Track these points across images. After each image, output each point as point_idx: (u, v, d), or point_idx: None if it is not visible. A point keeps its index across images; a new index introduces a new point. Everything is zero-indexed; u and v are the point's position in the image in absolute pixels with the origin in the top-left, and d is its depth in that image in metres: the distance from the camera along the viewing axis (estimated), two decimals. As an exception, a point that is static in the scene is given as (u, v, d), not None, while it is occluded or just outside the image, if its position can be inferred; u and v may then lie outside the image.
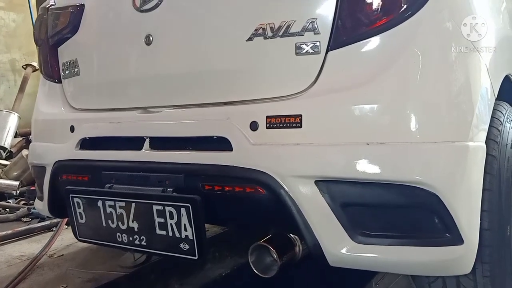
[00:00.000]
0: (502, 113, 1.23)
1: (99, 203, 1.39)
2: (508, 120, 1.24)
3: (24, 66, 4.17)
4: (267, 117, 1.14)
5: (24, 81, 4.13)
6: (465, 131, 1.03)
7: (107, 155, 1.46)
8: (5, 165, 3.66)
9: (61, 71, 1.71)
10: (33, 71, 4.15)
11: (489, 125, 1.16)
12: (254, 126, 1.16)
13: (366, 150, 1.03)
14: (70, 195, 1.47)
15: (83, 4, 1.58)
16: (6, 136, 3.83)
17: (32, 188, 3.45)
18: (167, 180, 1.29)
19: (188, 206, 1.20)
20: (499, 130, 1.18)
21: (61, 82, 1.71)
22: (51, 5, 1.76)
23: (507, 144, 1.19)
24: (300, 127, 1.10)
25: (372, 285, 1.61)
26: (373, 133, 1.03)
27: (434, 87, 1.03)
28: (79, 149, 1.53)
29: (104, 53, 1.55)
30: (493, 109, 1.20)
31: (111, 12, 1.52)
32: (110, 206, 1.37)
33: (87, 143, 1.53)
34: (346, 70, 1.09)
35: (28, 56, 4.53)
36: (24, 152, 3.54)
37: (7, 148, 3.83)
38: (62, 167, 1.58)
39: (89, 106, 1.60)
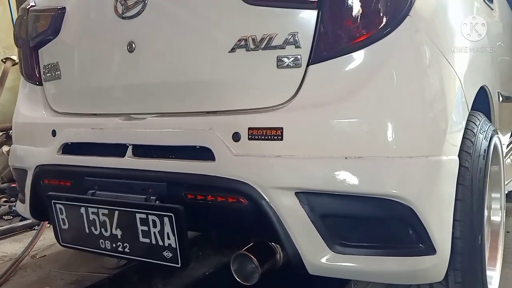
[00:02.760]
0: (476, 124, 1.28)
1: (82, 210, 1.40)
2: (481, 131, 1.29)
3: (4, 60, 4.08)
4: (249, 128, 1.16)
5: (4, 75, 4.04)
6: (438, 146, 1.07)
7: (89, 161, 1.46)
8: (-15, 162, 3.60)
9: (42, 73, 1.69)
10: (12, 65, 4.07)
11: (463, 136, 1.20)
12: (236, 137, 1.18)
13: (344, 164, 1.06)
14: (53, 201, 1.47)
15: (65, 7, 1.57)
16: (-15, 131, 3.76)
17: (13, 185, 3.41)
18: (150, 188, 1.31)
19: (171, 216, 1.21)
20: (472, 142, 1.23)
21: (42, 85, 1.70)
22: (32, 6, 1.73)
23: (479, 156, 1.23)
24: (281, 139, 1.12)
25: (351, 286, 1.66)
26: (351, 147, 1.06)
27: (409, 103, 1.06)
28: (61, 153, 1.53)
29: (86, 57, 1.54)
30: (467, 120, 1.24)
31: (93, 17, 1.51)
32: (93, 213, 1.38)
33: (69, 148, 1.52)
34: (326, 85, 1.12)
35: (8, 49, 4.43)
36: (4, 148, 3.49)
37: (-14, 144, 3.76)
38: (44, 172, 1.58)
39: (71, 110, 1.59)
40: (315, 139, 1.09)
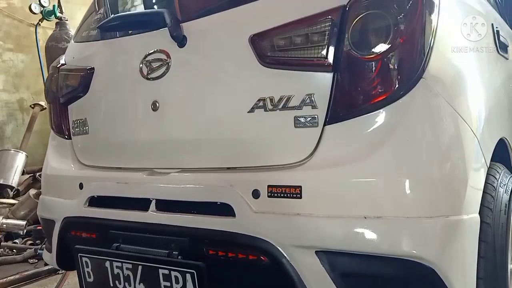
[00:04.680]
0: (496, 178, 1.28)
1: (107, 264, 1.44)
2: (501, 185, 1.28)
3: (32, 106, 4.28)
4: (269, 186, 1.19)
5: (32, 120, 4.23)
6: (458, 205, 1.08)
7: (114, 214, 1.51)
8: (13, 204, 3.71)
9: (71, 128, 1.77)
10: (40, 110, 4.26)
11: (483, 191, 1.20)
12: (256, 194, 1.21)
13: (363, 224, 1.07)
14: (79, 254, 1.51)
15: (93, 68, 1.67)
16: (14, 175, 3.90)
17: (38, 227, 3.49)
18: (173, 243, 1.34)
19: (193, 272, 1.24)
20: (492, 196, 1.22)
21: (70, 139, 1.78)
22: (62, 64, 1.84)
23: (500, 210, 1.23)
24: (300, 198, 1.15)
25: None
26: (370, 207, 1.07)
27: (426, 163, 1.08)
28: (88, 206, 1.59)
29: (112, 115, 1.61)
30: (487, 173, 1.25)
31: (120, 78, 1.59)
32: (117, 267, 1.41)
33: (95, 201, 1.58)
34: (343, 144, 1.15)
35: (36, 95, 4.64)
36: (31, 191, 3.59)
37: (14, 187, 3.89)
38: (71, 224, 1.63)
39: (98, 164, 1.66)
40: (334, 198, 1.11)
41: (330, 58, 1.15)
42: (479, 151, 1.18)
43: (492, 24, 1.56)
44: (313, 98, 1.17)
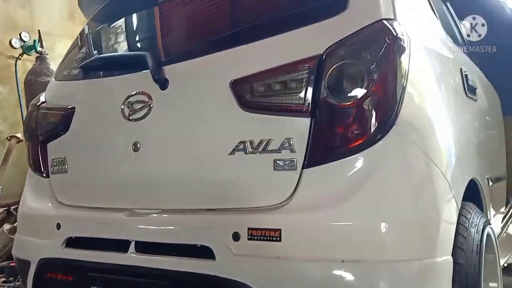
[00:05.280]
0: (467, 218, 1.33)
1: (84, 308, 1.41)
2: (473, 225, 1.33)
3: (9, 138, 4.19)
4: (249, 228, 1.21)
5: (8, 152, 4.14)
6: (432, 248, 1.12)
7: (93, 256, 1.49)
8: (-15, 240, 3.58)
9: (49, 166, 1.76)
10: (17, 142, 4.18)
11: (455, 232, 1.24)
12: (236, 236, 1.22)
13: (341, 267, 1.09)
14: (54, 298, 1.48)
15: (74, 107, 1.67)
16: (-13, 209, 3.77)
17: (12, 264, 3.38)
18: (152, 286, 1.33)
19: (173, 318, 1.23)
20: (464, 237, 1.27)
21: (49, 177, 1.76)
22: (42, 102, 1.84)
23: (472, 251, 1.27)
24: (280, 241, 1.16)
25: None
26: (347, 250, 1.10)
27: (401, 207, 1.12)
28: (65, 247, 1.56)
29: (92, 155, 1.61)
30: (458, 214, 1.29)
31: (101, 118, 1.60)
32: (95, 311, 1.39)
33: (73, 242, 1.55)
34: (321, 188, 1.18)
35: (13, 127, 4.57)
36: (5, 226, 3.48)
37: (-13, 222, 3.76)
38: (47, 265, 1.60)
39: (76, 203, 1.64)
40: (312, 241, 1.13)
41: (308, 104, 1.20)
42: (450, 194, 1.23)
43: (461, 69, 1.65)
44: (291, 142, 1.21)
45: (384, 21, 1.20)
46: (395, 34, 1.18)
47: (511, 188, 2.45)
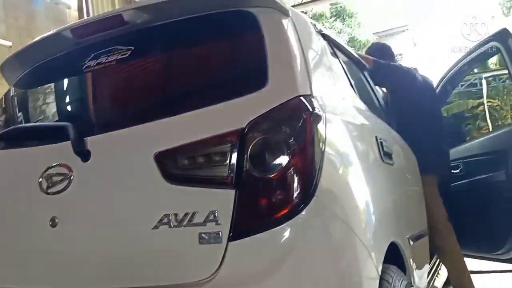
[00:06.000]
0: (389, 283, 1.37)
1: None
2: (394, 288, 1.38)
3: None
4: None
5: None
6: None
7: None
8: None
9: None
10: None
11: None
12: (162, 314, 1.16)
13: None
14: None
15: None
16: None
17: None
18: None
19: None
20: (387, 304, 1.31)
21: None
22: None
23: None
24: (208, 319, 1.12)
25: None
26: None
27: (324, 279, 1.14)
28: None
29: (4, 231, 1.50)
30: (380, 278, 1.34)
31: (17, 191, 1.51)
32: None
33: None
34: (246, 261, 1.17)
35: None
36: None
37: None
38: None
39: (-15, 284, 1.49)
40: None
41: (232, 177, 1.21)
42: (369, 260, 1.27)
43: (376, 136, 1.77)
44: (216, 215, 1.20)
45: (301, 97, 1.28)
46: (311, 109, 1.26)
47: (433, 243, 2.58)
